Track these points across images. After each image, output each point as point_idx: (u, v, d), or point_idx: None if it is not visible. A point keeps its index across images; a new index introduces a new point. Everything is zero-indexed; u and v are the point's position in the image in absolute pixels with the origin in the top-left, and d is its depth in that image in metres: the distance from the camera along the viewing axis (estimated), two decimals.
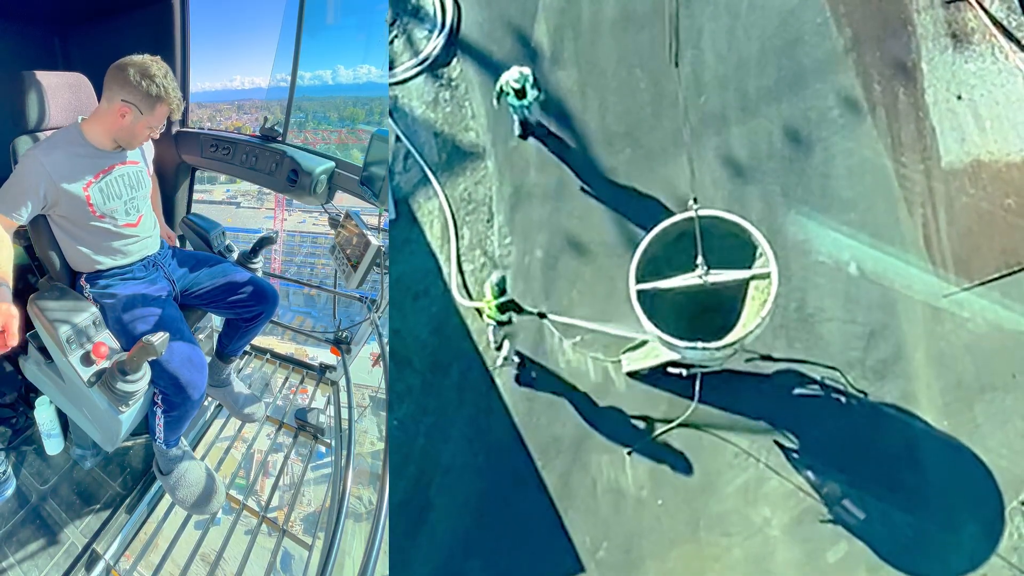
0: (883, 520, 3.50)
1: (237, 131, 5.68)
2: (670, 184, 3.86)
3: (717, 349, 3.22)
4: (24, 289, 3.46)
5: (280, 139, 5.20)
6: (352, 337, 4.97)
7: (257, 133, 5.21)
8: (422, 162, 4.10)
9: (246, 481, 4.71)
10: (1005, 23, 3.83)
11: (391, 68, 4.50)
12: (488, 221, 3.99)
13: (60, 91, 3.51)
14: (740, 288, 3.36)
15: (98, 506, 3.98)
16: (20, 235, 3.99)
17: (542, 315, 3.72)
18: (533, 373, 3.86)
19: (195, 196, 5.50)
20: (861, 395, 3.62)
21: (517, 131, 4.22)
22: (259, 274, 4.61)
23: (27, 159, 3.09)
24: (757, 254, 3.28)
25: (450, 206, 4.04)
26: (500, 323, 3.73)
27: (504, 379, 3.78)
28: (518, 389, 3.75)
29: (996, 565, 3.41)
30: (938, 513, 3.49)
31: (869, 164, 3.84)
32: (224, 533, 3.77)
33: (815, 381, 3.67)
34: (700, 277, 3.27)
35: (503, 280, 3.61)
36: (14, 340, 2.59)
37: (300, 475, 4.70)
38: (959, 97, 3.87)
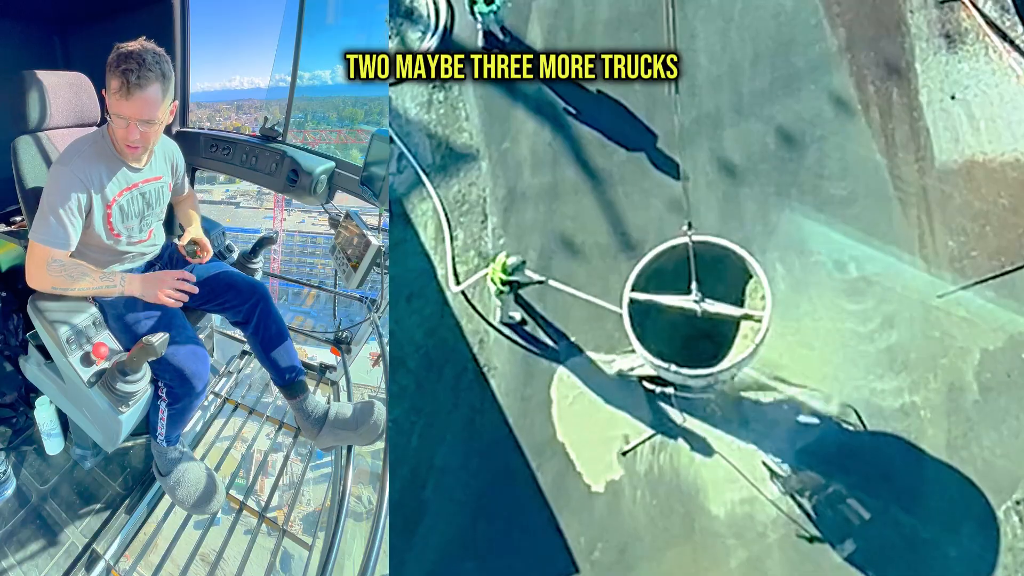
0: (881, 520, 3.47)
1: (236, 131, 5.72)
2: (665, 185, 3.85)
3: (690, 376, 3.15)
4: (24, 289, 3.48)
5: (280, 139, 5.24)
6: (352, 337, 5.00)
7: (257, 133, 5.25)
8: (415, 164, 4.08)
9: (246, 481, 4.73)
10: (999, 23, 3.82)
11: None
12: (482, 222, 3.91)
13: (61, 90, 3.52)
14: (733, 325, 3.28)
15: (98, 506, 4.00)
16: (21, 235, 4.02)
17: (541, 281, 3.73)
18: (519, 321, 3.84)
19: None
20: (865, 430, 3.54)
21: (481, 42, 4.25)
22: (259, 274, 4.62)
23: (61, 175, 2.92)
24: (759, 294, 3.20)
25: (444, 207, 3.97)
26: (499, 291, 3.71)
27: (498, 380, 3.78)
28: (512, 391, 3.75)
29: (993, 564, 3.30)
30: (935, 513, 3.45)
31: (863, 164, 3.78)
32: (224, 533, 3.77)
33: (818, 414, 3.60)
34: (696, 303, 3.21)
35: (521, 265, 3.61)
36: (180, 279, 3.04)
37: (300, 475, 4.72)
38: (953, 97, 3.84)
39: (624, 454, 3.65)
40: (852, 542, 3.42)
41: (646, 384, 3.67)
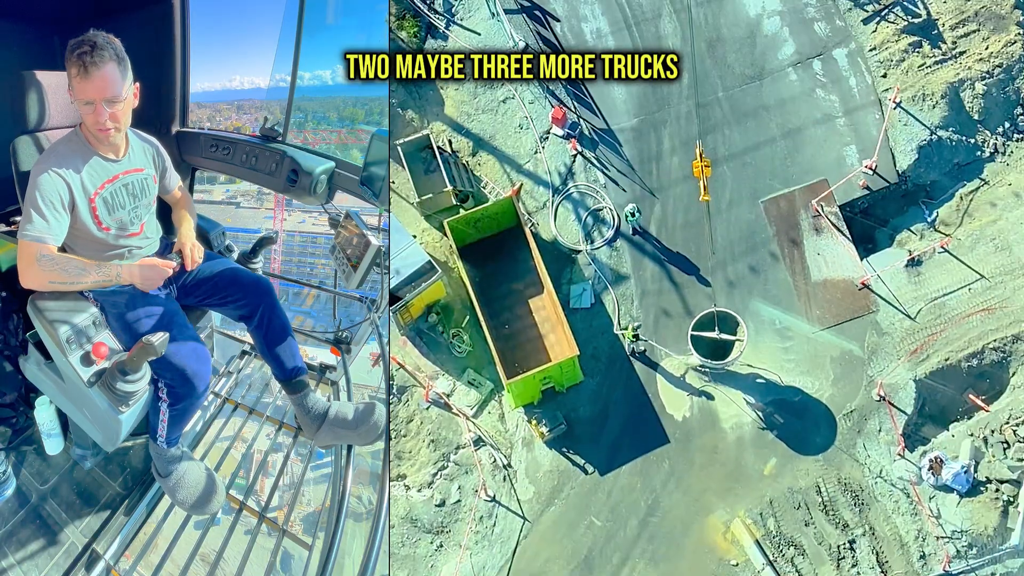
0: (789, 423, 8.95)
1: (236, 131, 5.69)
2: (702, 291, 9.40)
3: (716, 364, 8.85)
4: (24, 289, 3.46)
5: (280, 139, 5.21)
6: (352, 337, 4.96)
7: (257, 133, 5.23)
8: (607, 281, 9.58)
9: (246, 481, 4.69)
10: (836, 224, 9.62)
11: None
12: (631, 303, 9.57)
13: (60, 91, 3.50)
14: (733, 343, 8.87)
15: (98, 506, 3.97)
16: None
17: (636, 336, 9.13)
18: (643, 350, 9.43)
19: (195, 196, 5.47)
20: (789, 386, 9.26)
21: (631, 231, 9.75)
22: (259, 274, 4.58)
23: (38, 173, 2.97)
24: (742, 331, 8.80)
25: (615, 297, 9.58)
26: (633, 338, 9.10)
27: (639, 368, 9.28)
28: (645, 370, 9.23)
29: (832, 440, 8.88)
30: (812, 419, 8.95)
31: (783, 282, 9.46)
32: (224, 533, 3.73)
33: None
34: (718, 335, 8.64)
35: (638, 327, 9.22)
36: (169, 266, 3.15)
37: (300, 475, 4.68)
38: (819, 254, 9.58)
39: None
40: (779, 443, 8.96)
41: (699, 367, 9.10)
